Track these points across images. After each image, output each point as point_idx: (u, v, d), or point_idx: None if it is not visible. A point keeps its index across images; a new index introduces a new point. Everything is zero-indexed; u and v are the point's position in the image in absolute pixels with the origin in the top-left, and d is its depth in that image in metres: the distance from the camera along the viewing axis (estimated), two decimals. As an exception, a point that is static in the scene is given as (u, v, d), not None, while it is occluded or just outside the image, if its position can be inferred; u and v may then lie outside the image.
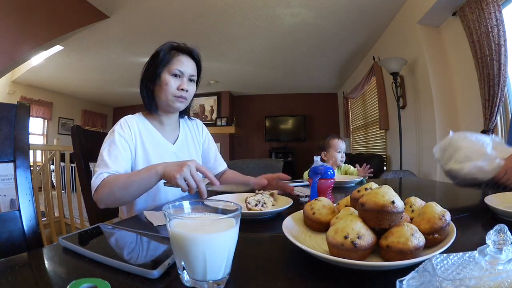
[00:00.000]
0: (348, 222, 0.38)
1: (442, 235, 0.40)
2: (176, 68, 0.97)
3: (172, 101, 0.98)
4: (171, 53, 0.98)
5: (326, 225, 0.48)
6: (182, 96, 0.99)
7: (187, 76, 0.99)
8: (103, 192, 0.80)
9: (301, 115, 7.04)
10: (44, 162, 2.84)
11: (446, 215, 0.41)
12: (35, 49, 3.05)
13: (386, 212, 0.38)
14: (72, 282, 0.32)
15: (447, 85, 2.81)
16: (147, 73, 0.99)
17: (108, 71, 5.37)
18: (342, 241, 0.36)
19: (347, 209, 0.47)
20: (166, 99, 0.98)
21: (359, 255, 0.36)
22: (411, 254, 0.35)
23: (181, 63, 0.98)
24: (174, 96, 0.98)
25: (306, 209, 0.51)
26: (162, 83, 0.97)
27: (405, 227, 0.37)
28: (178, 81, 0.98)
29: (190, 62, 1.01)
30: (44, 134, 6.60)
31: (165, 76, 0.97)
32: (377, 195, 0.39)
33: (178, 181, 0.70)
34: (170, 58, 0.97)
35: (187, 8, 3.27)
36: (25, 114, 0.71)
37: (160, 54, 0.97)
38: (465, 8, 2.36)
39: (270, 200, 0.74)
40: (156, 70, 0.96)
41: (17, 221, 0.67)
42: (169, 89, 0.96)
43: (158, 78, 0.97)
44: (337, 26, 3.71)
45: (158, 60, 0.97)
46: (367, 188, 0.50)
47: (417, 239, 0.36)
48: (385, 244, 0.37)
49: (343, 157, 1.71)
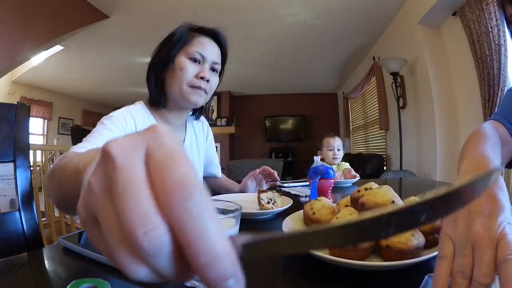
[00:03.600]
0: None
1: None
2: (195, 50, 0.76)
3: (188, 93, 0.76)
4: (189, 33, 0.78)
5: None
6: (201, 86, 0.77)
7: (209, 62, 0.79)
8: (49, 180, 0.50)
9: (301, 115, 7.04)
10: (44, 162, 2.84)
11: None
12: (35, 49, 3.05)
13: None
14: (72, 282, 0.32)
15: (447, 85, 2.81)
16: (158, 57, 0.79)
17: (108, 71, 5.37)
18: None
19: (347, 209, 0.47)
20: (179, 89, 0.76)
21: (359, 255, 0.36)
22: (411, 254, 0.35)
23: (203, 45, 0.78)
24: (191, 87, 0.76)
25: (306, 209, 0.51)
26: (176, 67, 0.76)
27: None
28: (197, 68, 0.77)
29: (214, 47, 0.81)
30: (44, 134, 6.60)
31: (180, 59, 0.76)
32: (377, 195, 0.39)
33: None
34: (189, 39, 0.77)
35: (187, 8, 3.27)
36: (25, 114, 0.71)
37: (174, 34, 0.78)
38: (465, 8, 2.36)
39: (280, 200, 0.74)
40: (170, 53, 0.76)
41: (17, 221, 0.66)
42: (184, 75, 0.75)
43: (171, 62, 0.76)
44: (337, 26, 3.71)
45: (172, 41, 0.77)
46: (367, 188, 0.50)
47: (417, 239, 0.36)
48: (385, 244, 0.37)
49: (336, 155, 1.69)
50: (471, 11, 2.29)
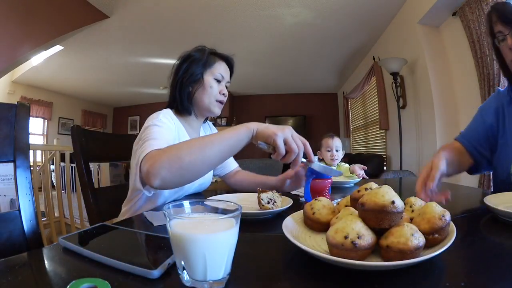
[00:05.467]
0: (348, 222, 0.38)
1: (442, 235, 0.40)
2: (219, 72, 0.97)
3: (214, 105, 0.98)
4: (211, 57, 0.98)
5: (326, 225, 0.48)
6: (222, 101, 1.00)
7: (225, 81, 1.01)
8: (162, 159, 0.62)
9: (301, 115, 7.04)
10: (44, 162, 2.84)
11: (446, 215, 0.41)
12: (35, 49, 3.05)
13: (386, 212, 0.38)
14: (72, 282, 0.32)
15: (447, 85, 2.81)
16: (187, 74, 0.95)
17: (108, 71, 5.38)
18: (342, 241, 0.36)
19: (347, 209, 0.47)
20: (208, 102, 0.97)
21: (359, 255, 0.36)
22: (411, 254, 0.35)
23: (222, 68, 0.99)
24: (216, 101, 0.98)
25: (306, 209, 0.51)
26: (206, 85, 0.96)
27: (405, 227, 0.37)
28: (219, 86, 0.99)
29: (227, 69, 1.03)
30: (44, 134, 6.61)
31: (208, 79, 0.96)
32: (377, 195, 0.39)
33: (277, 140, 0.60)
34: (212, 62, 0.97)
35: (187, 8, 3.28)
36: (25, 114, 0.71)
37: (199, 56, 0.96)
38: (465, 8, 2.37)
39: (279, 200, 0.74)
40: (198, 71, 0.95)
41: (17, 221, 0.67)
42: (213, 92, 0.96)
43: (201, 80, 0.96)
44: (337, 26, 3.72)
45: (199, 61, 0.95)
46: (367, 188, 0.50)
47: (417, 239, 0.36)
48: (385, 244, 0.37)
49: (334, 156, 1.67)
50: (471, 11, 2.29)
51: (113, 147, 1.18)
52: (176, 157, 0.61)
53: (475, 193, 0.97)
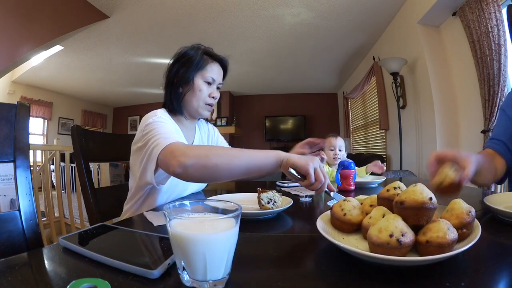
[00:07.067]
0: (391, 221, 0.38)
1: (469, 230, 0.42)
2: (210, 75, 0.97)
3: (202, 108, 0.99)
4: (204, 58, 0.97)
5: (357, 226, 0.48)
6: (212, 104, 0.99)
7: (216, 84, 1.00)
8: (192, 152, 0.68)
9: (301, 115, 7.04)
10: (44, 162, 2.84)
11: (472, 211, 0.44)
12: (35, 49, 3.05)
13: (426, 208, 0.39)
14: (72, 282, 0.32)
15: (447, 85, 2.81)
16: (178, 75, 0.95)
17: (108, 71, 5.38)
18: (387, 240, 0.36)
19: (379, 208, 0.46)
20: (197, 105, 0.97)
21: (402, 252, 0.36)
22: (449, 247, 0.36)
23: (214, 71, 0.98)
24: (205, 104, 0.98)
25: (335, 210, 0.50)
26: (196, 88, 0.95)
27: (441, 222, 0.39)
28: (209, 89, 0.98)
29: (220, 70, 1.02)
30: (44, 134, 6.60)
31: (198, 82, 0.96)
32: (415, 193, 0.41)
33: (310, 170, 0.66)
34: (204, 64, 0.96)
35: (187, 8, 3.28)
36: (25, 114, 0.71)
37: (191, 57, 0.95)
38: (465, 8, 2.37)
39: (279, 200, 0.74)
40: (189, 74, 0.94)
41: (17, 221, 0.66)
42: (202, 95, 0.96)
43: (191, 83, 0.95)
44: (337, 26, 3.72)
45: (191, 63, 0.94)
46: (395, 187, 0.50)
47: (453, 232, 0.38)
48: (424, 240, 0.38)
49: (337, 155, 1.70)
50: (471, 11, 2.29)
51: (113, 147, 1.18)
52: (205, 156, 0.67)
53: (475, 193, 0.97)
